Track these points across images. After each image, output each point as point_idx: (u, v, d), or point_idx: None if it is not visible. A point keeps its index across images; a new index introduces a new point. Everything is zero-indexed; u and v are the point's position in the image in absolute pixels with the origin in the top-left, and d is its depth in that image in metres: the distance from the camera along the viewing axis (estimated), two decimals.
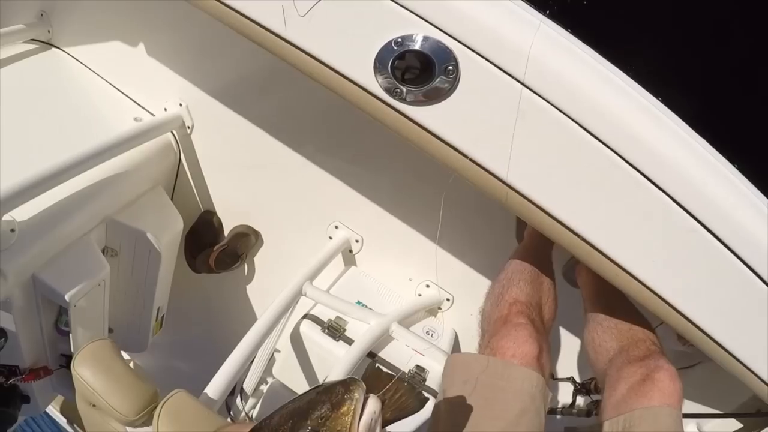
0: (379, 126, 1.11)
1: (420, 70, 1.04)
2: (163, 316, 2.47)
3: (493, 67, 0.98)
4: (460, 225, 1.96)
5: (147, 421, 1.46)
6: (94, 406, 1.50)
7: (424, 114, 1.07)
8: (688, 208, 1.01)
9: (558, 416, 1.94)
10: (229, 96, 2.04)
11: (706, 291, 1.10)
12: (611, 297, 1.54)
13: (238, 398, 2.36)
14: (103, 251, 2.01)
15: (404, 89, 1.07)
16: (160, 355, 3.25)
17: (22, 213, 1.67)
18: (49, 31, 2.22)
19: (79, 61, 2.25)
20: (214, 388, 1.60)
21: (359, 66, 1.06)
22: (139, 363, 3.39)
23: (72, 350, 1.98)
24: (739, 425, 1.77)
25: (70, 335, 1.93)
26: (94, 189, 1.87)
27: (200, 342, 2.79)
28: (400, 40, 1.04)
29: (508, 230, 1.90)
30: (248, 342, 1.74)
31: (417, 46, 1.02)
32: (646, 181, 0.99)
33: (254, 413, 2.31)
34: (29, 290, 1.76)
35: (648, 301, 1.12)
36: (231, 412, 2.43)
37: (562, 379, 1.94)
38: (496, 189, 1.08)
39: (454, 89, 1.03)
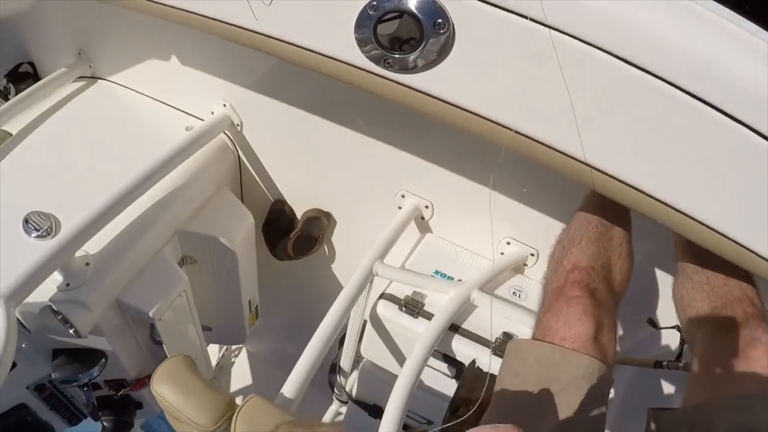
0: None
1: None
2: (257, 306, 2.54)
3: (495, 10, 0.86)
4: (534, 171, 1.80)
5: (227, 429, 1.50)
6: (178, 419, 1.56)
7: (427, 79, 0.92)
8: None
9: (665, 369, 1.78)
10: (267, 86, 2.01)
11: None
12: None
13: (339, 377, 2.39)
14: (182, 261, 2.09)
15: (396, 56, 0.93)
16: (269, 341, 3.33)
17: (94, 244, 1.73)
18: (90, 66, 2.30)
19: (124, 86, 2.31)
20: (290, 387, 1.60)
21: (340, 41, 0.97)
22: (252, 350, 3.47)
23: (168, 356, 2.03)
24: None
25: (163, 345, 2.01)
26: (160, 205, 1.92)
27: (300, 323, 2.80)
28: (374, 3, 0.89)
29: None
30: (320, 337, 1.73)
31: (394, 5, 0.88)
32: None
33: (354, 390, 2.30)
34: (117, 313, 1.85)
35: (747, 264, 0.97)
36: (334, 390, 2.47)
37: (667, 328, 1.75)
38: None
39: (451, 47, 0.92)
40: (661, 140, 0.91)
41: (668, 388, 2.27)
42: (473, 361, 1.23)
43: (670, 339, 2.06)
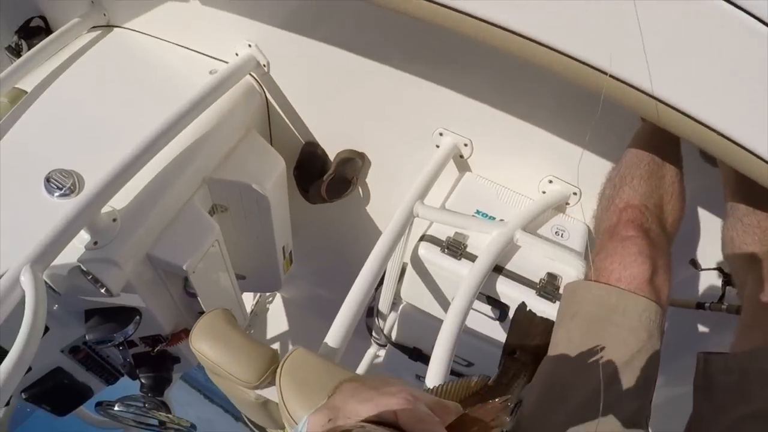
0: None
1: None
2: (290, 252, 2.53)
3: None
4: (576, 106, 1.76)
5: (271, 382, 1.48)
6: (219, 375, 1.55)
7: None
8: None
9: (706, 311, 1.77)
10: (294, 23, 1.93)
11: None
12: (754, 183, 1.28)
13: (377, 320, 2.39)
14: (212, 209, 2.06)
15: None
16: (304, 286, 3.35)
17: (120, 199, 1.69)
18: (104, 14, 2.22)
19: (141, 32, 2.24)
20: (333, 337, 1.58)
21: None
22: (286, 296, 3.48)
23: (204, 309, 2.04)
24: None
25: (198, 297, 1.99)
26: (187, 154, 1.87)
27: (335, 267, 2.81)
28: None
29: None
30: (362, 283, 1.69)
31: None
32: None
33: (393, 333, 2.30)
34: (148, 269, 1.82)
35: None
36: (372, 333, 2.47)
37: (709, 269, 1.72)
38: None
39: None
40: (733, 73, 0.85)
41: (709, 329, 2.26)
42: (523, 304, 1.21)
43: (712, 280, 2.04)
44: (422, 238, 1.87)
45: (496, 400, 0.63)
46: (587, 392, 1.00)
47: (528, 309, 1.18)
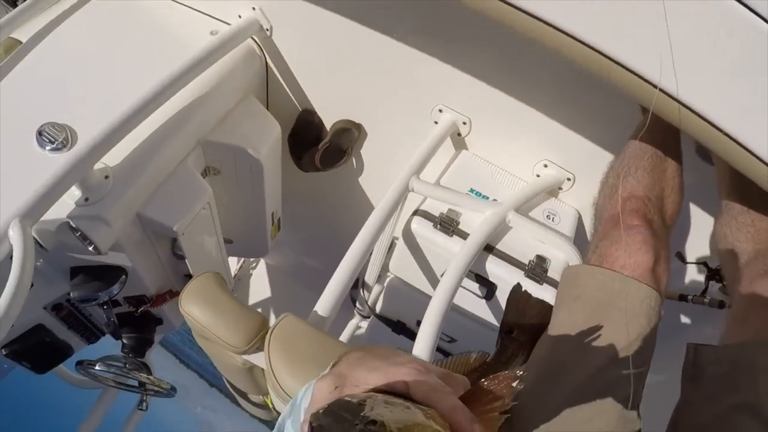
0: None
1: None
2: (279, 218, 2.54)
3: None
4: (577, 93, 1.79)
5: (259, 348, 1.50)
6: (207, 339, 1.57)
7: None
8: None
9: (689, 303, 1.82)
10: None
11: None
12: (750, 183, 1.31)
13: (362, 291, 2.42)
14: (205, 171, 2.05)
15: None
16: (289, 253, 3.35)
17: (113, 157, 1.67)
18: None
19: None
20: (323, 305, 1.60)
21: None
22: (271, 263, 3.49)
23: (191, 272, 2.05)
24: None
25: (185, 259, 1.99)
26: (183, 114, 1.85)
27: (324, 237, 2.82)
28: None
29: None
30: (353, 254, 1.71)
31: None
32: None
33: (378, 306, 2.32)
34: (138, 228, 1.81)
35: None
36: (356, 304, 2.52)
37: (694, 263, 1.77)
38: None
39: None
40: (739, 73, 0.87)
41: (689, 321, 2.31)
42: (519, 284, 1.24)
43: (695, 274, 2.09)
44: (415, 212, 1.89)
45: (507, 372, 0.63)
46: (586, 373, 1.03)
47: (524, 290, 1.20)
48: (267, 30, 2.06)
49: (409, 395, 0.57)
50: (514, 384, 0.63)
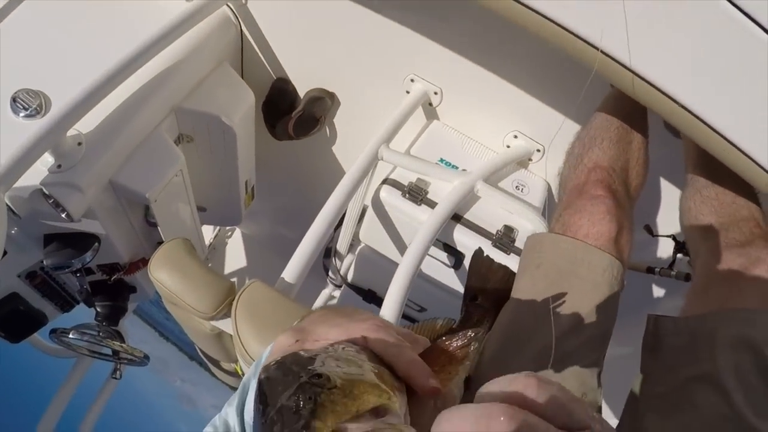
0: None
1: None
2: (253, 187, 2.57)
3: None
4: (549, 62, 1.84)
5: (226, 314, 1.54)
6: (176, 305, 1.60)
7: None
8: None
9: (656, 276, 1.88)
10: None
11: None
12: (716, 159, 1.36)
13: (334, 260, 2.46)
14: (178, 139, 2.07)
15: None
16: (264, 222, 3.37)
17: (86, 123, 1.68)
18: None
19: None
20: (291, 272, 1.64)
21: None
22: (246, 232, 3.52)
23: (164, 239, 2.07)
24: None
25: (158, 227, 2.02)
26: (157, 81, 1.87)
27: (297, 206, 2.85)
28: None
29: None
30: (323, 220, 1.76)
31: None
32: None
33: (350, 275, 2.37)
34: (111, 195, 1.84)
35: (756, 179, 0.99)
36: (329, 273, 2.54)
37: (663, 236, 1.81)
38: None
39: None
40: (709, 54, 0.92)
41: (657, 293, 2.38)
42: (480, 249, 1.27)
43: (664, 247, 2.16)
44: (385, 181, 1.93)
45: (465, 332, 0.66)
46: (548, 340, 1.05)
47: (486, 254, 1.22)
48: None
49: (368, 348, 0.59)
50: (472, 345, 0.66)
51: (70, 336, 2.26)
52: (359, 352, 0.57)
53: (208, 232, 3.49)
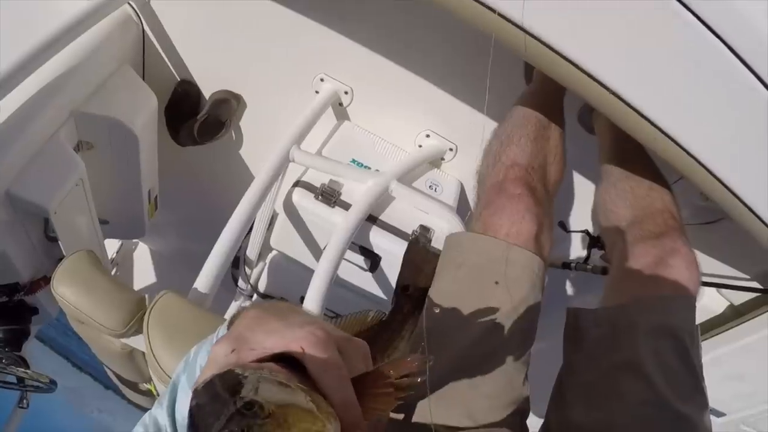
0: None
1: None
2: (156, 197, 2.58)
3: None
4: (460, 61, 1.94)
5: (138, 330, 1.52)
6: (83, 323, 1.57)
7: None
8: (729, 42, 0.89)
9: (572, 272, 2.00)
10: None
11: (739, 144, 1.04)
12: (629, 150, 1.49)
13: (244, 269, 2.50)
14: (77, 146, 2.06)
15: None
16: (170, 236, 3.37)
17: None
18: None
19: None
20: (203, 282, 1.66)
21: None
22: (153, 247, 3.50)
23: (65, 254, 2.03)
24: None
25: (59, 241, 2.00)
26: (54, 84, 1.86)
27: (204, 217, 2.86)
28: None
29: (516, 67, 1.85)
30: (233, 226, 1.80)
31: None
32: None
33: (261, 284, 2.41)
34: (6, 209, 1.79)
35: (673, 157, 1.06)
36: (238, 284, 2.59)
37: (576, 231, 1.94)
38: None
39: None
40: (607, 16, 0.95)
41: (573, 288, 2.53)
42: (416, 239, 1.30)
43: (578, 242, 2.29)
44: (296, 183, 1.98)
45: (409, 359, 0.64)
46: (470, 339, 1.12)
47: (421, 244, 1.24)
48: None
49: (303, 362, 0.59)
50: (414, 373, 0.64)
51: None
52: (292, 373, 0.57)
53: (111, 247, 3.45)
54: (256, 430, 0.49)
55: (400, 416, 1.04)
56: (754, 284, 1.95)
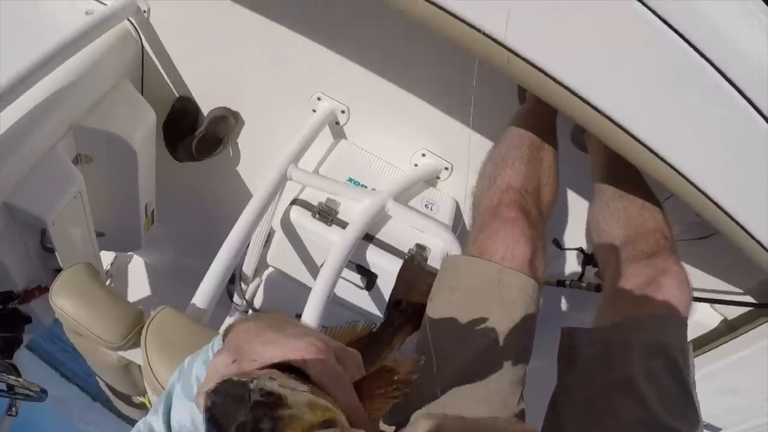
0: None
1: None
2: (153, 211, 2.60)
3: None
4: (456, 81, 1.96)
5: (135, 343, 1.54)
6: (80, 335, 1.58)
7: None
8: (718, 64, 0.91)
9: (567, 288, 2.01)
10: None
11: (729, 164, 1.04)
12: (621, 170, 1.51)
13: (240, 285, 2.47)
14: (76, 159, 2.08)
15: None
16: (166, 250, 3.37)
17: None
18: None
19: None
20: (201, 297, 1.67)
21: None
22: (148, 261, 3.51)
23: (62, 266, 2.06)
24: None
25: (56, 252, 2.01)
26: (54, 97, 1.88)
27: (201, 233, 2.88)
28: None
29: (511, 87, 1.88)
30: (231, 243, 1.81)
31: None
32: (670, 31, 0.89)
33: (257, 301, 2.42)
34: (4, 218, 1.81)
35: (663, 177, 1.07)
36: (233, 300, 2.57)
37: (570, 249, 1.96)
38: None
39: None
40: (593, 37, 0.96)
41: (568, 305, 2.55)
42: (412, 257, 1.30)
43: (572, 260, 2.32)
44: (294, 201, 2.01)
45: (404, 360, 0.66)
46: (466, 360, 1.13)
47: (416, 262, 1.25)
48: (144, 12, 2.12)
49: (306, 372, 0.61)
50: (409, 374, 0.66)
51: None
52: (295, 379, 0.58)
53: (106, 259, 3.45)
54: (280, 413, 0.50)
55: None
56: (748, 298, 1.97)
